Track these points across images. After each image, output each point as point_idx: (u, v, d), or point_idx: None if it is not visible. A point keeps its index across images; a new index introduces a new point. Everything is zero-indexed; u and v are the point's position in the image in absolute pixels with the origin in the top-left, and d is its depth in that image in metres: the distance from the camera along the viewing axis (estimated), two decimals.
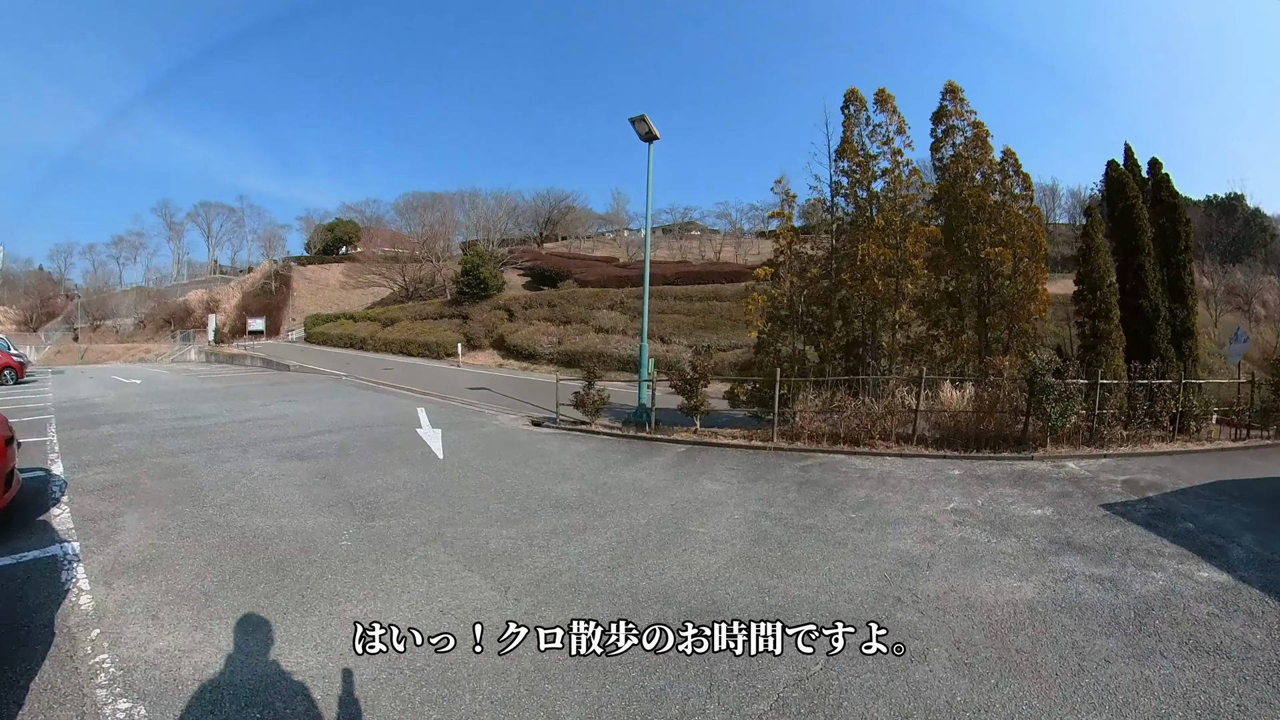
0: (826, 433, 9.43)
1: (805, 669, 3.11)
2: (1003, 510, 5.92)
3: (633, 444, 10.28)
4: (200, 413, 13.05)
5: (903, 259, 10.91)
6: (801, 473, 7.65)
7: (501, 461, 8.47)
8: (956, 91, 11.80)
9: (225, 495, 6.36)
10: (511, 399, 17.35)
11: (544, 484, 7.15)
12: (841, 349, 11.81)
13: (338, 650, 3.26)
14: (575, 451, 9.48)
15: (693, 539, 5.08)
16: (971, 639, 3.40)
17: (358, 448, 9.10)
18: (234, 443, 9.42)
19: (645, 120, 13.36)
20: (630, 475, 7.66)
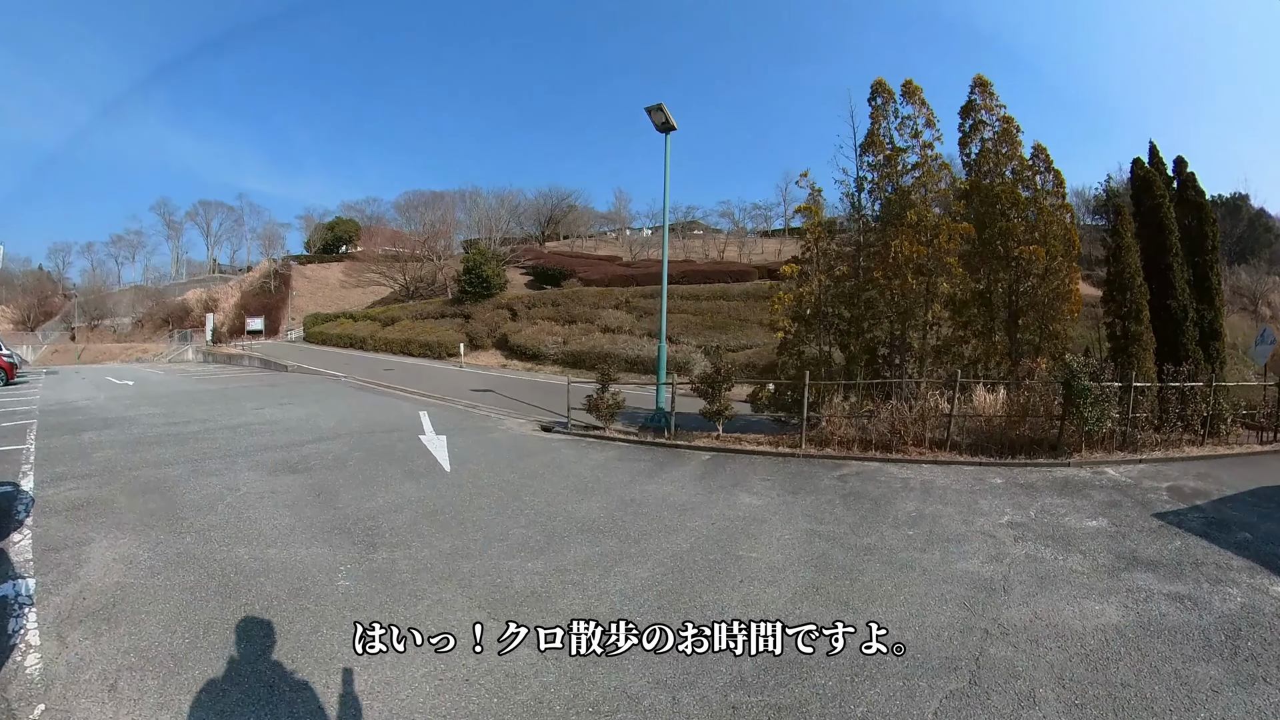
0: (856, 438, 8.98)
1: None
2: (1058, 523, 5.65)
3: (653, 451, 9.66)
4: (190, 417, 12.33)
5: (937, 256, 10.33)
6: (840, 483, 7.17)
7: (515, 474, 7.77)
8: (986, 85, 11.25)
9: (206, 518, 5.64)
10: (518, 401, 16.64)
11: (566, 501, 6.46)
12: (867, 351, 11.19)
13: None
14: (594, 461, 8.79)
15: (746, 566, 4.53)
16: (1073, 674, 3.18)
17: (356, 458, 8.38)
18: (222, 452, 8.70)
19: (662, 109, 12.70)
20: (659, 489, 7.03)
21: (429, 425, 11.71)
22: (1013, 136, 11.22)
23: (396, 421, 12.21)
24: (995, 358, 10.79)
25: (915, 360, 10.91)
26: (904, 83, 10.94)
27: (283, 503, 6.12)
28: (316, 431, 10.63)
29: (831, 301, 11.47)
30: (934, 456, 8.28)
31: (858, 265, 11.62)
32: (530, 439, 10.85)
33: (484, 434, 11.15)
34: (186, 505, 6.06)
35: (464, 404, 15.65)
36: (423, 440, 10.00)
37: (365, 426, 11.38)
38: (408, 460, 8.38)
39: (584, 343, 26.96)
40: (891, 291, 10.54)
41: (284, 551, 4.76)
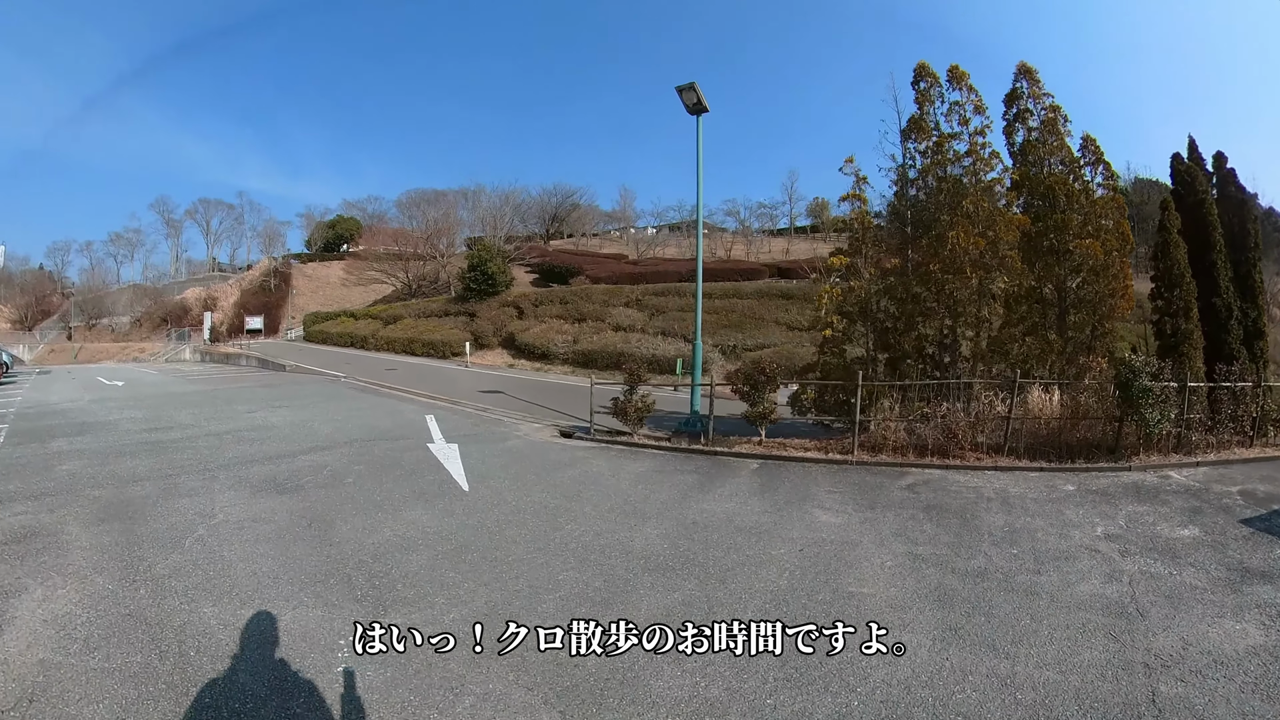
0: (910, 444, 8.41)
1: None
2: (1152, 533, 5.37)
3: (694, 460, 8.65)
4: (174, 422, 11.22)
5: (994, 249, 9.58)
6: (912, 495, 6.55)
7: (546, 493, 6.65)
8: (1031, 72, 10.62)
9: (170, 558, 4.51)
10: (530, 404, 15.53)
11: (617, 528, 5.37)
12: (916, 350, 10.25)
13: None
14: (632, 474, 7.72)
15: (866, 607, 3.84)
16: (1254, 708, 2.89)
17: (356, 473, 7.25)
18: (202, 465, 7.58)
19: (695, 89, 11.84)
20: (719, 507, 6.07)
21: (437, 432, 10.58)
22: (1059, 127, 10.66)
23: (401, 427, 11.08)
24: (1051, 357, 10.01)
25: (967, 359, 10.00)
26: (950, 68, 10.21)
27: (266, 535, 4.98)
28: (312, 439, 9.50)
29: (878, 296, 10.49)
30: (993, 462, 7.87)
31: (906, 258, 10.68)
32: (552, 447, 9.72)
33: (499, 442, 10.02)
34: (149, 538, 4.94)
35: (473, 407, 14.53)
36: (432, 450, 8.87)
37: (366, 433, 10.25)
38: (417, 475, 7.25)
39: (595, 341, 25.80)
40: (947, 286, 9.69)
41: (263, 613, 3.62)
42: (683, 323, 28.65)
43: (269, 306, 55.48)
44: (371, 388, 18.46)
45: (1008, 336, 10.05)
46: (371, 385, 19.03)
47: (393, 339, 33.27)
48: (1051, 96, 10.61)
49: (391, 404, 14.73)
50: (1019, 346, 9.92)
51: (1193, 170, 11.94)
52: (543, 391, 18.65)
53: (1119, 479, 7.28)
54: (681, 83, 11.83)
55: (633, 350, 24.30)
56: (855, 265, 10.62)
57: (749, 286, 37.90)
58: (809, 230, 72.76)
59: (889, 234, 11.09)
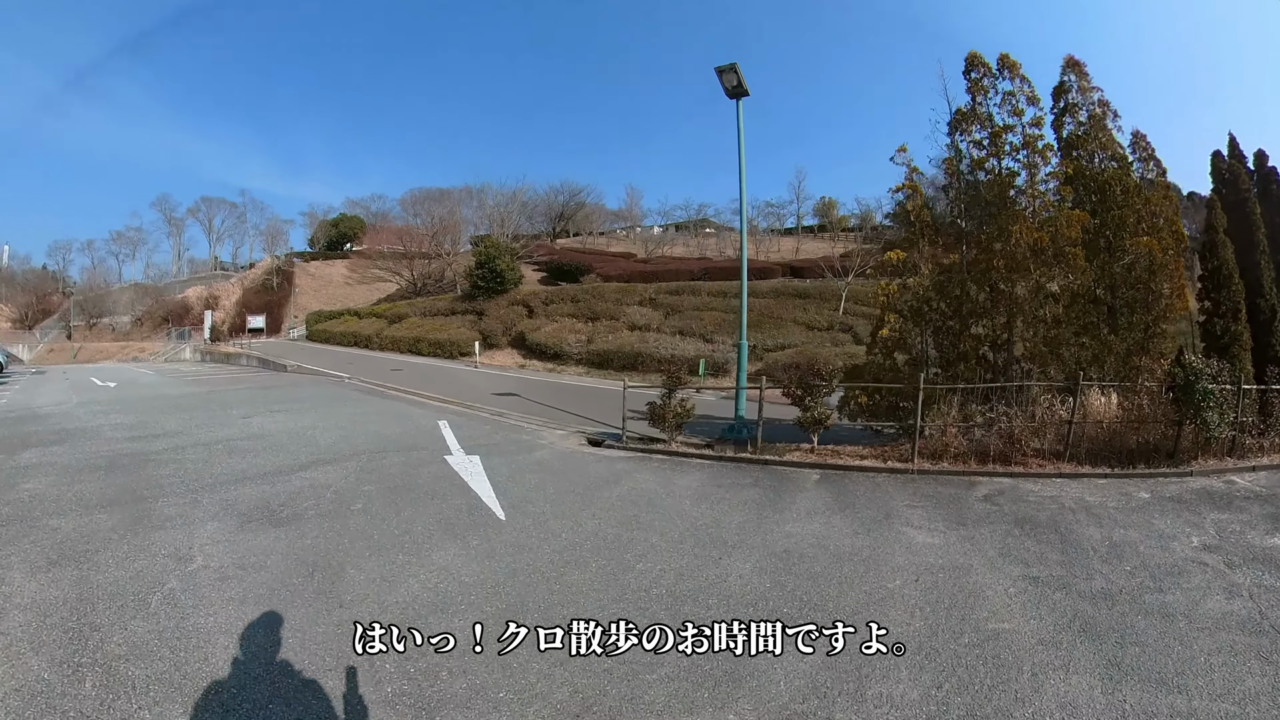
0: (968, 450, 8.08)
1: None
2: (1246, 543, 5.13)
3: (747, 472, 7.78)
4: (162, 429, 10.13)
5: (1057, 246, 9.11)
6: (993, 507, 6.13)
7: (599, 519, 5.57)
8: (1079, 66, 10.28)
9: (131, 626, 3.40)
10: (548, 407, 14.46)
11: (700, 564, 4.45)
12: (970, 351, 9.63)
13: None
14: (686, 489, 6.73)
15: (1012, 646, 3.42)
16: None
17: (366, 496, 6.13)
18: (186, 485, 6.47)
19: (735, 71, 10.74)
20: (802, 530, 5.36)
21: (454, 440, 9.47)
22: (1107, 122, 10.29)
23: (413, 435, 9.98)
24: (1110, 358, 9.58)
25: (1023, 360, 9.40)
26: (1000, 57, 9.76)
27: (255, 592, 3.86)
28: (313, 450, 8.39)
29: (934, 293, 9.71)
30: (1056, 469, 7.60)
31: (961, 254, 10.00)
32: (585, 459, 8.63)
33: (525, 452, 8.91)
34: (108, 593, 3.84)
35: (488, 411, 13.42)
36: (451, 463, 7.76)
37: (375, 442, 9.15)
38: (439, 498, 6.13)
39: (611, 341, 24.66)
40: (1002, 284, 9.24)
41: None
42: (700, 321, 27.55)
43: (271, 305, 54.61)
44: (377, 390, 17.36)
45: (1063, 337, 9.36)
46: (377, 387, 17.93)
47: (398, 338, 32.19)
48: (1100, 91, 10.20)
49: (399, 408, 13.63)
50: (1075, 348, 9.44)
51: (1235, 169, 11.83)
52: (559, 394, 17.55)
53: (1186, 485, 7.08)
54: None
55: (650, 350, 23.16)
56: (913, 260, 9.71)
57: (764, 285, 36.85)
58: (816, 230, 71.95)
59: (943, 229, 10.32)
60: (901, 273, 9.70)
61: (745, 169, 11.84)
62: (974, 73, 9.82)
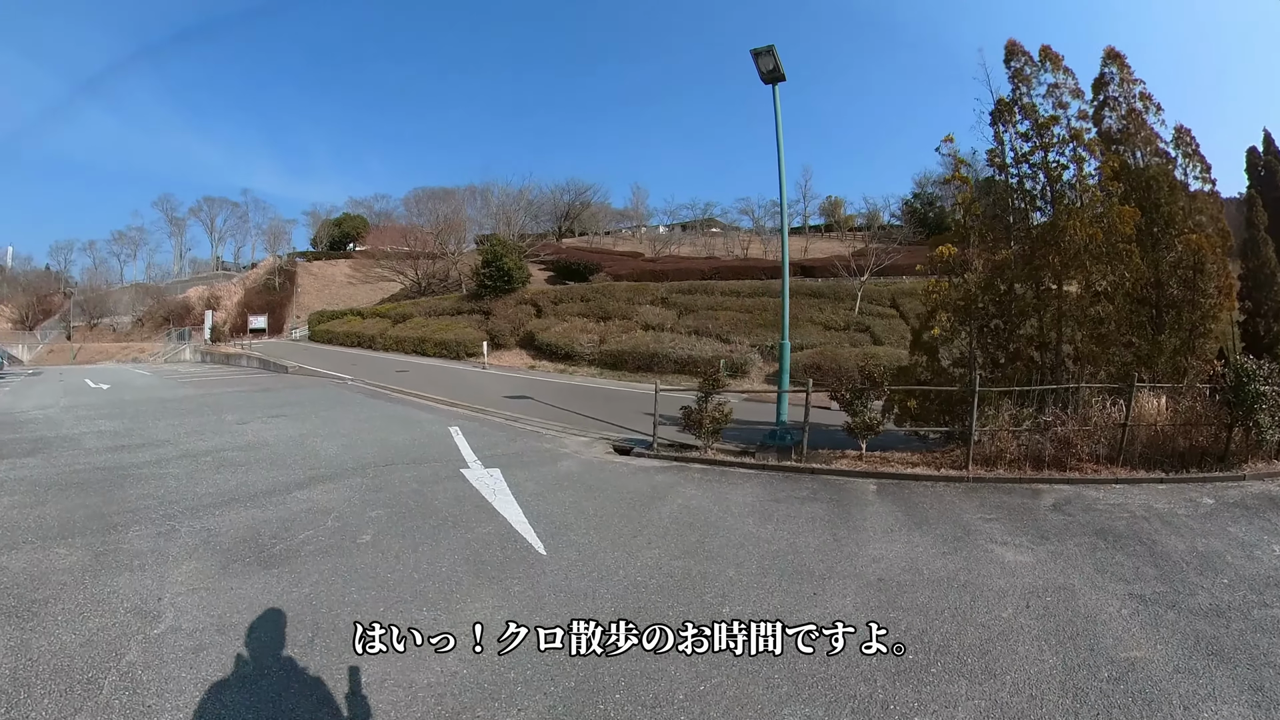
0: (1022, 455, 7.78)
1: None
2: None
3: (799, 483, 7.11)
4: (148, 437, 9.21)
5: (1110, 242, 8.76)
6: (1065, 517, 5.80)
7: (658, 549, 4.70)
8: (1120, 58, 10.01)
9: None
10: (565, 411, 13.56)
11: (796, 605, 3.84)
12: (1019, 352, 9.32)
13: None
14: (745, 507, 5.97)
15: (1155, 677, 3.09)
16: None
17: (374, 523, 5.18)
18: (163, 509, 5.53)
19: (772, 54, 10.02)
20: (887, 552, 4.82)
21: (468, 450, 8.54)
22: (1149, 116, 10.03)
23: (423, 444, 9.04)
24: (1161, 359, 9.40)
25: (1072, 361, 9.05)
26: (1042, 48, 9.45)
27: (239, 671, 2.90)
28: (312, 463, 7.44)
29: (981, 291, 9.19)
30: (1111, 473, 7.39)
31: (1012, 250, 9.57)
32: (618, 470, 7.72)
33: (550, 463, 7.97)
34: (47, 671, 2.91)
35: (501, 416, 12.49)
36: (469, 479, 6.81)
37: (381, 453, 8.20)
38: (462, 524, 5.17)
39: (624, 341, 23.69)
40: (1048, 281, 8.99)
41: None
42: (715, 321, 26.60)
43: (273, 305, 53.87)
44: (381, 392, 16.42)
45: (1114, 337, 9.05)
46: (381, 389, 16.98)
47: (402, 339, 31.28)
48: (1142, 84, 9.95)
49: (406, 412, 12.69)
50: (1125, 348, 9.23)
51: (1272, 165, 11.87)
52: (574, 396, 16.61)
53: (1245, 489, 6.94)
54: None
55: (666, 351, 22.21)
56: (965, 256, 9.23)
57: (777, 285, 35.75)
58: (823, 229, 71.21)
59: (992, 231, 9.81)
60: (953, 269, 9.17)
61: (784, 160, 11.10)
62: (1015, 62, 9.49)
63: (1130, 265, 8.75)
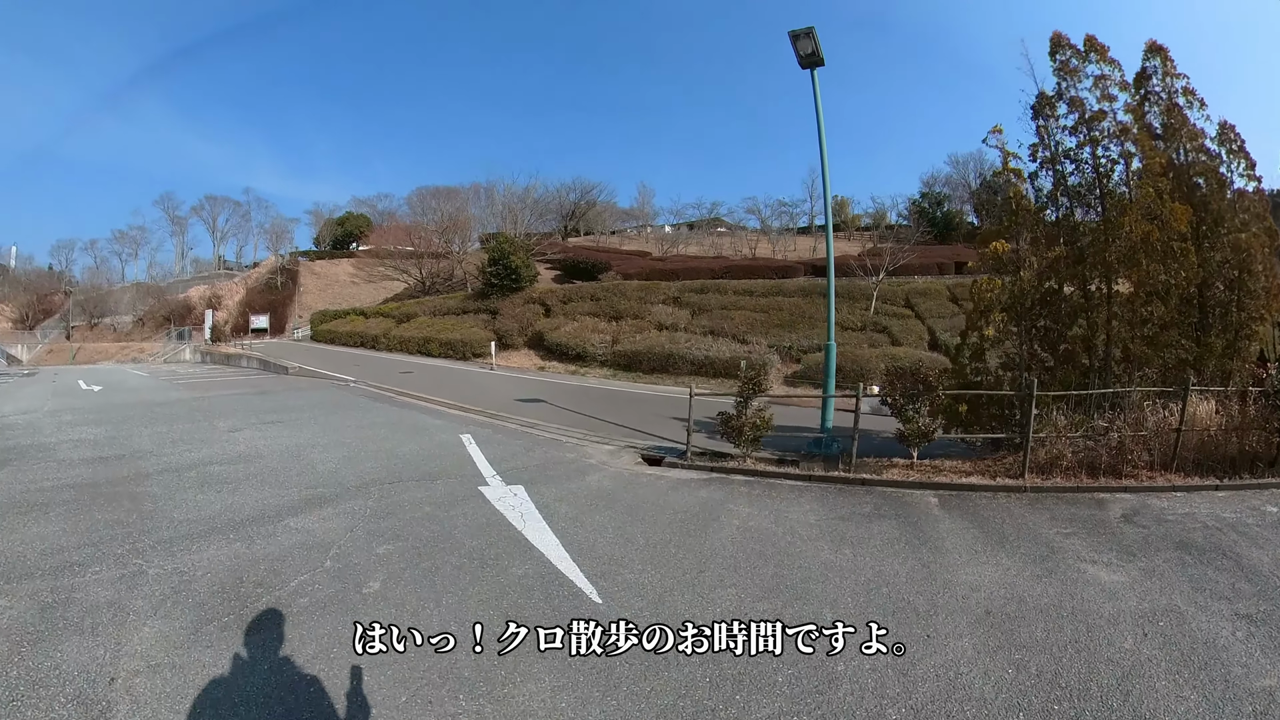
0: (1077, 463, 7.49)
1: None
2: None
3: (854, 496, 6.58)
4: (130, 447, 8.34)
5: (1165, 239, 8.52)
6: (1139, 529, 5.50)
7: (731, 586, 3.99)
8: (1163, 51, 9.70)
9: None
10: (581, 415, 12.71)
11: (917, 648, 3.23)
12: (1068, 354, 9.00)
13: None
14: (805, 526, 5.35)
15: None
16: None
17: (385, 566, 4.26)
18: (131, 541, 4.64)
19: (811, 36, 9.46)
20: (979, 578, 4.37)
21: (485, 463, 7.65)
22: (1193, 111, 9.73)
23: (433, 455, 8.15)
24: (1211, 361, 9.18)
25: (1122, 363, 8.76)
26: (1086, 39, 9.15)
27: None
28: (309, 480, 6.54)
29: (1035, 291, 8.86)
30: (1168, 480, 7.17)
31: (1064, 247, 9.19)
32: (654, 483, 6.88)
33: (577, 477, 7.09)
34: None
35: (516, 421, 11.60)
36: (491, 499, 5.91)
37: (387, 467, 7.31)
38: (490, 563, 4.27)
39: (639, 342, 22.75)
40: (1109, 280, 8.67)
41: None
42: (730, 321, 25.69)
43: (275, 305, 53.06)
44: (386, 395, 15.52)
45: (1165, 339, 8.78)
46: (386, 392, 16.08)
47: (406, 339, 30.40)
48: (1185, 78, 9.68)
49: (413, 417, 11.80)
50: (1174, 350, 8.93)
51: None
52: (589, 399, 15.70)
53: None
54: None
55: (682, 351, 21.27)
56: (1018, 254, 8.79)
57: (790, 284, 35.04)
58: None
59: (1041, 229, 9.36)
60: (1005, 267, 8.75)
61: (826, 150, 10.31)
62: (1060, 54, 9.22)
63: (1185, 264, 8.41)
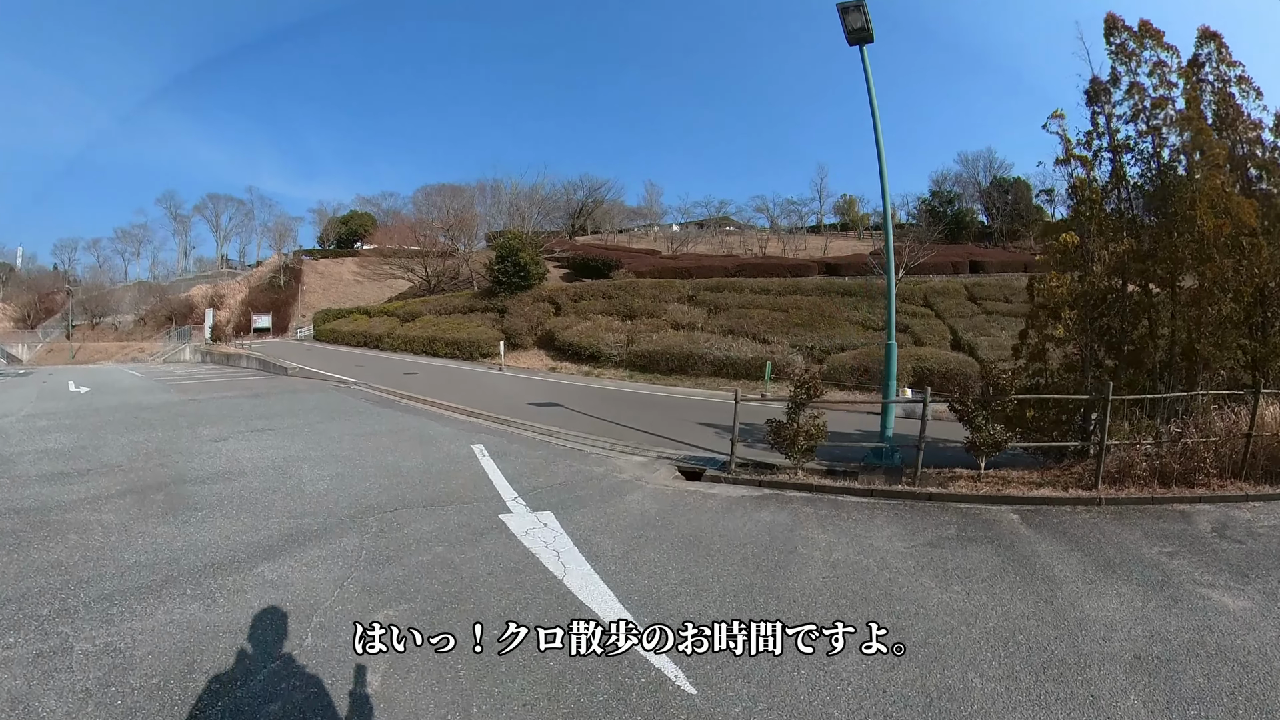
0: (1149, 472, 7.11)
1: None
2: None
3: (930, 515, 5.96)
4: (99, 460, 7.30)
5: (1235, 232, 8.12)
6: (1237, 545, 4.96)
7: (849, 652, 2.92)
8: (1217, 38, 9.29)
9: None
10: (601, 420, 11.71)
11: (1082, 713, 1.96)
12: (1128, 354, 8.54)
13: None
14: (893, 555, 4.62)
15: None
16: None
17: (389, 653, 3.16)
18: (61, 600, 3.57)
19: (861, 10, 8.65)
20: (1107, 613, 3.84)
21: (503, 480, 6.58)
22: (1249, 101, 9.30)
23: (442, 471, 7.07)
24: (1276, 360, 8.72)
25: (1190, 366, 8.29)
26: (1141, 23, 8.80)
27: None
28: (294, 506, 5.46)
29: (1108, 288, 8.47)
30: (1240, 489, 6.79)
31: (1132, 241, 8.83)
32: (702, 504, 5.89)
33: (614, 498, 6.02)
34: None
35: (532, 429, 10.52)
36: (516, 532, 4.83)
37: (389, 488, 6.21)
38: (527, 634, 3.17)
39: (656, 341, 21.64)
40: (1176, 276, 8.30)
41: None
42: (750, 320, 24.54)
43: (278, 304, 52.31)
44: (388, 398, 14.44)
45: (1232, 339, 8.32)
46: (389, 395, 14.99)
47: (411, 338, 29.39)
48: (1241, 66, 9.24)
49: (418, 424, 10.73)
50: (1239, 350, 8.55)
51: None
52: (607, 403, 14.62)
53: None
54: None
55: (702, 352, 20.17)
56: (1087, 248, 8.25)
57: (808, 283, 33.85)
58: (839, 228, 69.51)
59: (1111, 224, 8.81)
60: (1073, 262, 8.27)
61: (881, 131, 9.16)
62: (1116, 38, 8.87)
63: (1256, 259, 7.96)
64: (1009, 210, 62.32)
